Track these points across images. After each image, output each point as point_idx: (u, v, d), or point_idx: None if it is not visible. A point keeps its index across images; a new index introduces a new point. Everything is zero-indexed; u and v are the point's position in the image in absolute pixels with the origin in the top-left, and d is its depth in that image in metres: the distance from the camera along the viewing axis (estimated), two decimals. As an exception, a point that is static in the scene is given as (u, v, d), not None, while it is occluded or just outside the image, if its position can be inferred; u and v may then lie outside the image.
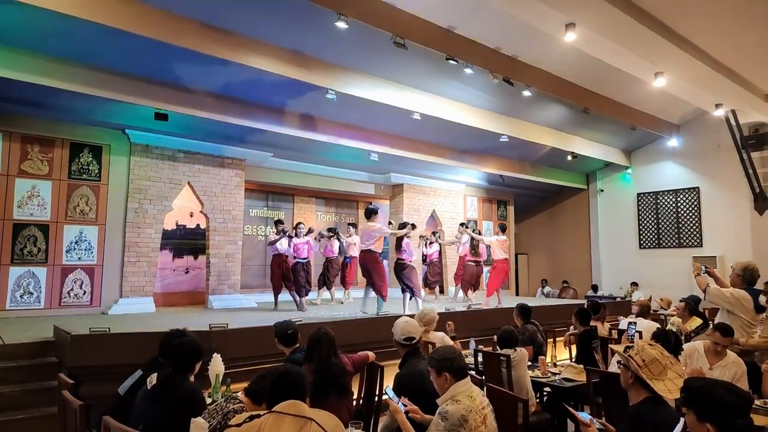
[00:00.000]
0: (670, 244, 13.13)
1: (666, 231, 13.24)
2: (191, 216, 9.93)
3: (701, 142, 12.51)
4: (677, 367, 2.52)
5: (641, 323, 5.96)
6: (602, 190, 14.62)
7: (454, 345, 5.71)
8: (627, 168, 13.98)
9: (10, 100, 7.09)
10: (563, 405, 3.51)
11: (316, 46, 7.20)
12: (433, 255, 11.75)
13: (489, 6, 6.58)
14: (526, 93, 8.73)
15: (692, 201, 12.78)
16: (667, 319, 8.07)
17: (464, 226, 10.44)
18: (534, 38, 7.59)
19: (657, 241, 13.37)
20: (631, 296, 12.18)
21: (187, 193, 9.23)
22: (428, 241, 11.71)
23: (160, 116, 7.63)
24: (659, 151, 13.32)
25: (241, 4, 6.20)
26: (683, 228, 12.91)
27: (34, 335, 5.49)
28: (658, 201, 13.39)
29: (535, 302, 9.81)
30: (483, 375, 4.62)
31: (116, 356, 4.55)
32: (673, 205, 13.10)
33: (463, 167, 12.01)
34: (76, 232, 8.09)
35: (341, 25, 6.23)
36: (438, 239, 11.49)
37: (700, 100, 10.26)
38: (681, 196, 12.98)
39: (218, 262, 9.38)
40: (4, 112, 7.36)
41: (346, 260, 10.20)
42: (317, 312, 8.16)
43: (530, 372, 4.62)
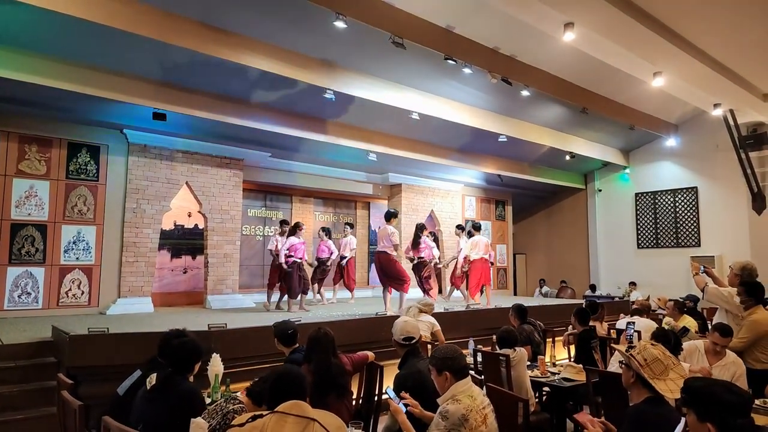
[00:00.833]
0: (668, 244, 13.15)
1: (664, 231, 13.25)
2: (189, 216, 9.92)
3: (699, 141, 12.53)
4: (679, 368, 2.51)
5: (639, 322, 5.96)
6: (600, 190, 14.63)
7: (440, 332, 5.71)
8: (625, 168, 14.00)
9: (7, 100, 7.06)
10: (573, 417, 3.42)
11: (314, 45, 7.20)
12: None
13: (488, 6, 6.58)
14: (525, 93, 8.74)
15: (690, 201, 12.80)
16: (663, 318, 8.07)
17: (460, 228, 10.17)
18: (532, 38, 7.60)
19: (655, 241, 13.38)
20: (629, 296, 12.20)
21: (185, 193, 9.21)
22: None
23: (158, 116, 7.60)
24: (657, 151, 13.33)
25: (239, 3, 6.19)
26: (681, 228, 12.93)
27: (32, 335, 5.48)
28: (656, 201, 13.41)
29: (534, 302, 9.81)
30: (482, 375, 4.62)
31: (115, 356, 4.54)
32: (672, 204, 13.11)
33: (461, 167, 12.01)
34: (74, 232, 8.07)
35: (340, 24, 6.23)
36: (439, 261, 10.41)
37: (698, 100, 10.28)
38: (679, 196, 13.00)
39: (216, 262, 9.36)
40: (1, 111, 7.33)
41: (342, 262, 10.12)
42: (316, 312, 8.15)
43: (529, 372, 4.63)
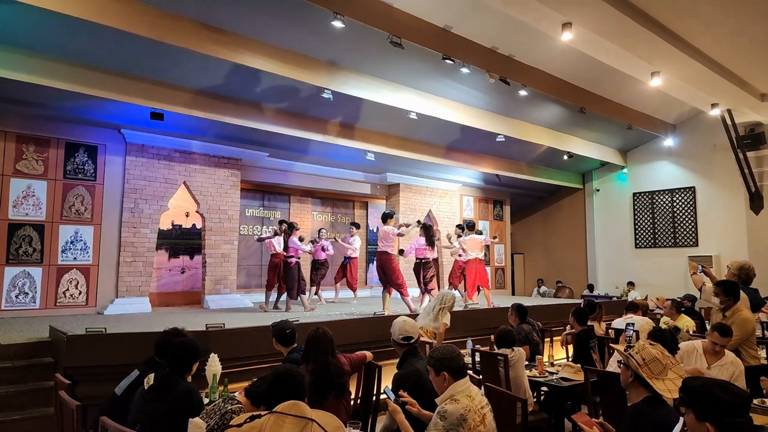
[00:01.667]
0: (665, 244, 13.16)
1: (662, 230, 13.27)
2: (187, 216, 9.90)
3: (697, 141, 12.55)
4: (678, 368, 2.51)
5: (636, 321, 5.96)
6: (598, 190, 14.64)
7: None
8: (623, 168, 14.00)
9: (4, 99, 7.04)
10: (571, 418, 3.44)
11: (312, 45, 7.19)
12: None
13: (486, 5, 6.58)
14: (523, 92, 8.73)
15: (688, 200, 12.82)
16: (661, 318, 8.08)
17: (460, 228, 10.08)
18: (530, 38, 7.61)
19: (653, 241, 13.40)
20: (627, 296, 12.21)
21: (182, 192, 9.20)
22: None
23: (156, 116, 7.59)
24: (655, 151, 13.34)
25: (236, 3, 6.18)
26: (679, 227, 12.95)
27: (29, 335, 5.45)
28: (654, 200, 13.42)
29: (532, 302, 9.82)
30: (480, 375, 4.62)
31: (113, 356, 4.52)
32: (669, 204, 13.13)
33: (459, 167, 12.01)
34: (72, 231, 8.05)
35: (337, 24, 6.22)
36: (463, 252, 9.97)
37: (696, 100, 10.29)
38: (677, 196, 13.01)
39: (214, 262, 9.35)
40: (-2, 111, 7.32)
41: (345, 261, 10.21)
42: (315, 312, 8.15)
43: (527, 371, 4.63)
